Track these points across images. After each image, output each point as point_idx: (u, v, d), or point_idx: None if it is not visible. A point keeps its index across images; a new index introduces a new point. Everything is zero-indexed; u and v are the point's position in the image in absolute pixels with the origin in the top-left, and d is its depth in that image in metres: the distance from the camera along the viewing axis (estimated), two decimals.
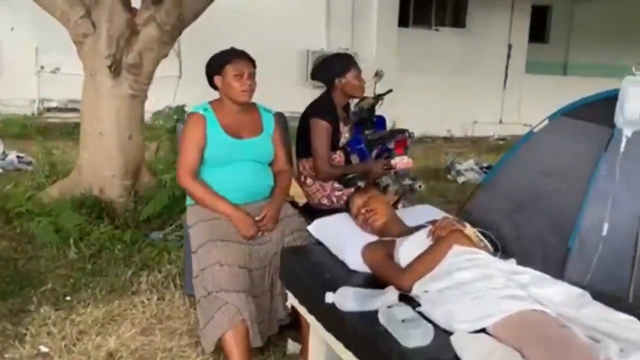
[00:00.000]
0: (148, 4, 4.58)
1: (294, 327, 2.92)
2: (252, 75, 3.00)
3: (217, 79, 2.99)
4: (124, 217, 4.53)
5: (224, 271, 2.70)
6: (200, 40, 9.78)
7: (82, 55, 4.73)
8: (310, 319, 2.43)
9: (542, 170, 4.04)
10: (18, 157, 7.02)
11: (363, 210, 2.69)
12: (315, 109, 3.48)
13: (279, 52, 9.35)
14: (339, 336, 2.17)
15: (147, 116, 5.19)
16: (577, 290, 2.05)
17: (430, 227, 2.42)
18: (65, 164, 5.77)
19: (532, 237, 3.79)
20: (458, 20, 11.91)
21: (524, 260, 3.81)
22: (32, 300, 3.38)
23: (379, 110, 5.69)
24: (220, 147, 2.93)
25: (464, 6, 11.74)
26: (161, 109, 5.65)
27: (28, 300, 3.38)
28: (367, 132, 5.41)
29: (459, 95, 11.26)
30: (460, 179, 6.94)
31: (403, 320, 1.94)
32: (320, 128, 3.40)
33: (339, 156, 3.60)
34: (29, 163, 6.77)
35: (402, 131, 4.90)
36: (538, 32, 12.67)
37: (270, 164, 3.13)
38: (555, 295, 1.99)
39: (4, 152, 7.17)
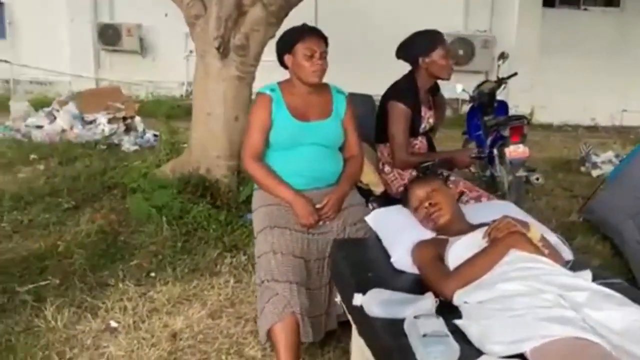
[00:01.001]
0: None
1: None
2: (324, 55, 2.82)
3: (288, 58, 2.84)
4: (227, 197, 4.58)
5: (277, 260, 2.58)
6: (336, 22, 9.78)
7: (194, 37, 4.82)
8: (349, 318, 2.23)
9: None
10: (155, 135, 7.45)
11: (426, 204, 2.41)
12: (395, 91, 3.22)
13: None
14: (367, 342, 1.96)
15: None
16: None
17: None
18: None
19: None
20: None
21: None
22: (117, 275, 3.50)
23: (509, 96, 5.30)
24: (285, 129, 2.79)
25: None
26: None
27: (114, 275, 3.51)
28: (486, 117, 5.04)
29: (608, 81, 10.15)
30: (595, 172, 6.20)
31: (424, 335, 1.68)
32: (398, 112, 3.13)
33: (419, 142, 3.32)
34: None
35: (519, 117, 4.49)
36: None
37: (342, 150, 2.95)
38: (615, 322, 1.61)
39: (144, 130, 7.65)
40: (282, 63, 2.89)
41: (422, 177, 2.64)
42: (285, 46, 2.85)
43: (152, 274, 3.56)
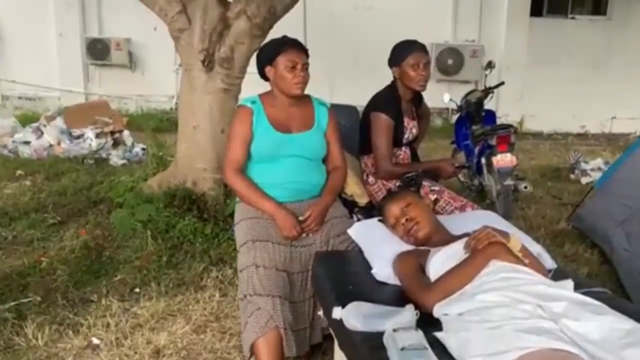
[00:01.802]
0: None
1: None
2: (305, 66, 2.80)
3: (269, 70, 2.83)
4: (213, 210, 4.54)
5: (259, 274, 2.54)
6: (326, 36, 9.83)
7: (179, 50, 4.80)
8: (331, 331, 2.20)
9: None
10: (143, 149, 7.41)
11: (403, 220, 2.37)
12: (377, 102, 3.20)
13: None
14: (347, 356, 1.93)
15: None
16: (627, 325, 1.61)
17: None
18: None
19: None
20: (598, 8, 10.77)
21: (631, 277, 3.30)
22: (101, 291, 3.46)
23: (498, 106, 5.30)
24: (266, 141, 2.77)
25: None
26: None
27: (97, 290, 3.47)
28: (474, 127, 5.04)
29: (596, 89, 10.21)
30: (584, 180, 6.20)
31: (402, 349, 1.66)
32: (381, 123, 3.11)
33: (403, 152, 3.30)
34: None
35: (506, 126, 4.48)
36: None
37: (324, 161, 2.92)
38: (594, 331, 1.59)
39: (132, 144, 7.62)
40: (263, 75, 2.88)
41: (394, 192, 2.58)
42: (266, 58, 2.83)
43: (137, 290, 3.51)
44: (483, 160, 4.56)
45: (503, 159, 4.25)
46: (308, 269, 2.67)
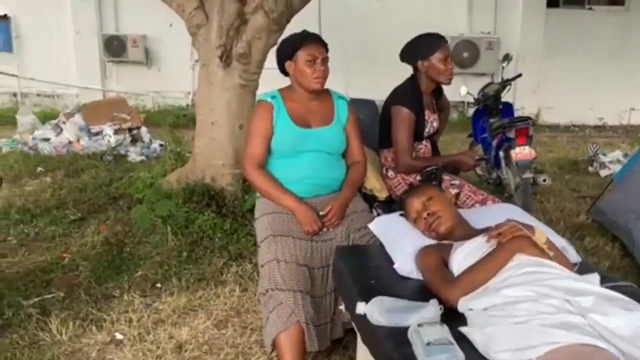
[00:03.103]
0: None
1: None
2: (325, 61, 2.80)
3: (289, 65, 2.82)
4: (232, 206, 4.56)
5: (280, 269, 2.55)
6: (341, 30, 9.79)
7: (197, 46, 4.82)
8: (354, 326, 2.20)
9: None
10: (161, 145, 7.46)
11: (425, 215, 2.36)
12: (397, 96, 3.19)
13: None
14: (371, 351, 1.93)
15: None
16: None
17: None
18: None
19: None
20: None
21: None
22: (123, 286, 3.49)
23: (515, 97, 5.26)
24: (286, 136, 2.77)
25: None
26: None
27: (120, 286, 3.50)
28: (491, 120, 5.01)
29: (614, 80, 10.09)
30: (603, 172, 6.13)
31: (428, 343, 1.65)
32: (401, 116, 3.09)
33: (424, 146, 3.28)
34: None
35: (525, 119, 4.45)
36: None
37: (344, 156, 2.92)
38: (622, 327, 1.57)
39: (150, 140, 7.66)
40: (283, 70, 2.88)
41: (415, 187, 2.57)
42: (286, 53, 2.83)
43: (158, 285, 3.55)
44: (501, 154, 4.53)
45: (522, 152, 4.22)
46: (329, 264, 2.68)
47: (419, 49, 3.18)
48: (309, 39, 2.82)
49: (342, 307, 2.48)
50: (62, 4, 10.76)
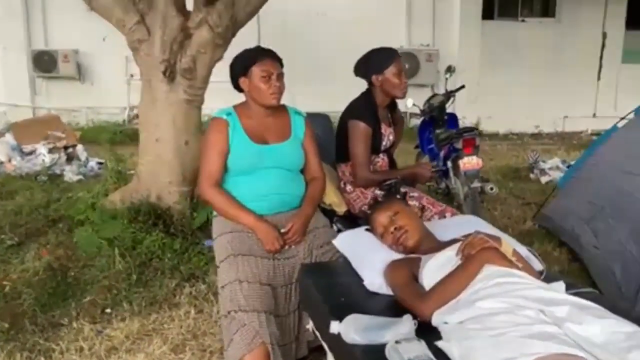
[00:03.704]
0: (200, 7, 4.46)
1: None
2: (280, 76, 2.76)
3: (243, 81, 2.77)
4: (181, 225, 4.44)
5: (243, 289, 2.49)
6: (280, 43, 9.75)
7: (139, 61, 4.68)
8: (324, 345, 2.16)
9: (625, 170, 3.55)
10: (99, 163, 7.22)
11: (392, 229, 2.35)
12: (353, 110, 3.18)
13: (357, 52, 9.13)
14: None
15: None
16: (628, 328, 1.63)
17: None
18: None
19: (611, 247, 3.34)
20: (547, 10, 11.10)
21: (601, 275, 3.37)
22: (70, 313, 3.33)
23: (455, 108, 5.34)
24: (244, 153, 2.71)
25: None
26: None
27: (67, 313, 3.34)
28: (437, 131, 5.07)
29: (549, 89, 10.56)
30: (544, 179, 6.35)
31: None
32: (359, 130, 3.09)
33: (381, 160, 3.29)
34: None
35: (471, 129, 4.52)
36: (637, 17, 11.46)
37: (302, 172, 2.88)
38: (597, 335, 1.59)
39: (87, 158, 7.40)
40: (237, 86, 2.82)
41: (381, 201, 2.56)
42: (240, 69, 2.77)
43: (108, 310, 3.40)
44: (449, 164, 4.59)
45: (469, 162, 4.29)
46: (292, 282, 2.64)
47: (372, 63, 3.18)
48: (263, 55, 2.78)
49: (308, 325, 2.43)
50: None
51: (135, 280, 3.70)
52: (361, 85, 3.32)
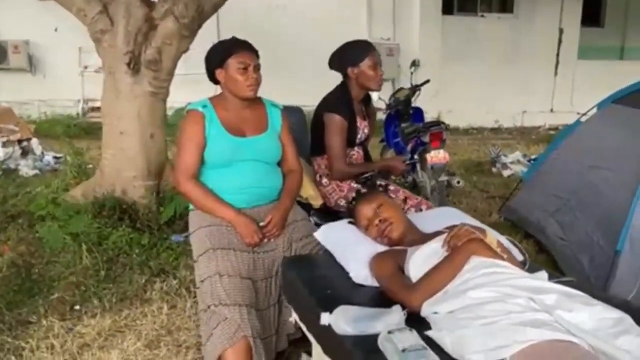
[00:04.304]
0: None
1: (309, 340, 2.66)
2: (257, 68, 2.73)
3: (219, 73, 2.73)
4: (147, 219, 4.36)
5: (223, 283, 2.46)
6: (241, 36, 9.66)
7: (101, 52, 4.56)
8: (310, 337, 2.16)
9: (589, 164, 3.67)
10: (55, 157, 7.02)
11: (376, 222, 2.37)
12: (329, 103, 3.18)
13: (319, 45, 9.12)
14: None
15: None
16: (614, 314, 1.69)
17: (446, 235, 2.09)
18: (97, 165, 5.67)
19: (578, 238, 3.44)
20: (505, 6, 11.31)
21: (569, 265, 3.47)
22: (38, 311, 3.23)
23: (416, 102, 5.41)
24: (220, 146, 2.67)
25: None
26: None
27: (35, 310, 3.24)
28: (403, 124, 5.13)
29: (507, 84, 10.79)
30: (506, 173, 6.50)
31: (403, 350, 1.65)
32: (334, 123, 3.09)
33: (357, 153, 3.30)
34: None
35: (438, 123, 4.59)
36: (592, 15, 11.83)
37: (279, 164, 2.87)
38: (585, 322, 1.64)
39: (42, 152, 7.19)
40: (212, 78, 2.78)
41: (364, 193, 2.57)
42: (216, 60, 2.73)
43: (77, 307, 3.32)
44: (416, 157, 4.65)
45: (437, 156, 4.35)
46: (272, 275, 2.62)
47: (348, 56, 3.18)
48: (240, 46, 2.74)
49: (291, 318, 2.43)
50: None
51: (104, 276, 3.63)
52: (323, 78, 3.31)
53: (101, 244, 3.95)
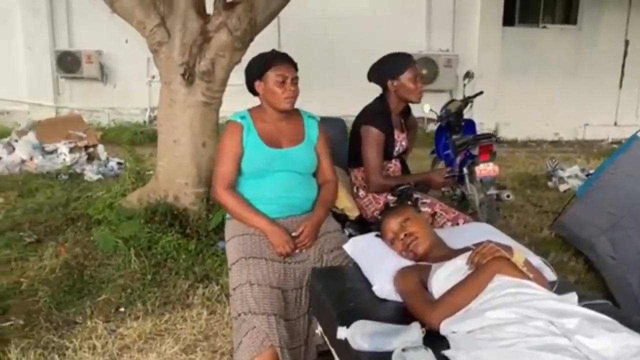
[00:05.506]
0: (220, 10, 4.51)
1: None
2: (295, 80, 2.77)
3: (258, 85, 2.79)
4: (196, 226, 4.47)
5: (253, 292, 2.49)
6: (299, 46, 9.79)
7: (158, 63, 4.73)
8: (332, 350, 2.16)
9: None
10: (119, 163, 7.30)
11: (402, 236, 2.35)
12: (366, 115, 3.18)
13: (378, 56, 9.12)
14: None
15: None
16: (639, 342, 1.61)
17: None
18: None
19: (629, 258, 3.30)
20: (568, 17, 10.97)
21: (618, 286, 3.33)
22: (85, 311, 3.37)
23: (473, 114, 5.33)
24: (257, 157, 2.73)
25: (574, 2, 10.78)
26: None
27: (82, 311, 3.38)
28: (454, 137, 5.06)
29: (569, 96, 10.47)
30: (562, 187, 6.28)
31: None
32: (371, 136, 3.09)
33: (394, 165, 3.28)
34: None
35: (488, 136, 4.50)
36: None
37: (315, 175, 2.89)
38: (607, 349, 1.57)
39: (107, 158, 7.49)
40: (252, 89, 2.84)
41: (392, 207, 2.55)
42: (256, 72, 2.79)
43: (122, 309, 3.44)
44: (465, 170, 4.57)
45: (486, 169, 4.27)
46: (302, 286, 2.64)
47: (388, 68, 3.18)
48: (279, 59, 2.79)
49: (318, 330, 2.44)
50: (11, 18, 10.50)
51: (150, 280, 3.74)
52: (378, 90, 3.32)
53: (150, 249, 4.07)
